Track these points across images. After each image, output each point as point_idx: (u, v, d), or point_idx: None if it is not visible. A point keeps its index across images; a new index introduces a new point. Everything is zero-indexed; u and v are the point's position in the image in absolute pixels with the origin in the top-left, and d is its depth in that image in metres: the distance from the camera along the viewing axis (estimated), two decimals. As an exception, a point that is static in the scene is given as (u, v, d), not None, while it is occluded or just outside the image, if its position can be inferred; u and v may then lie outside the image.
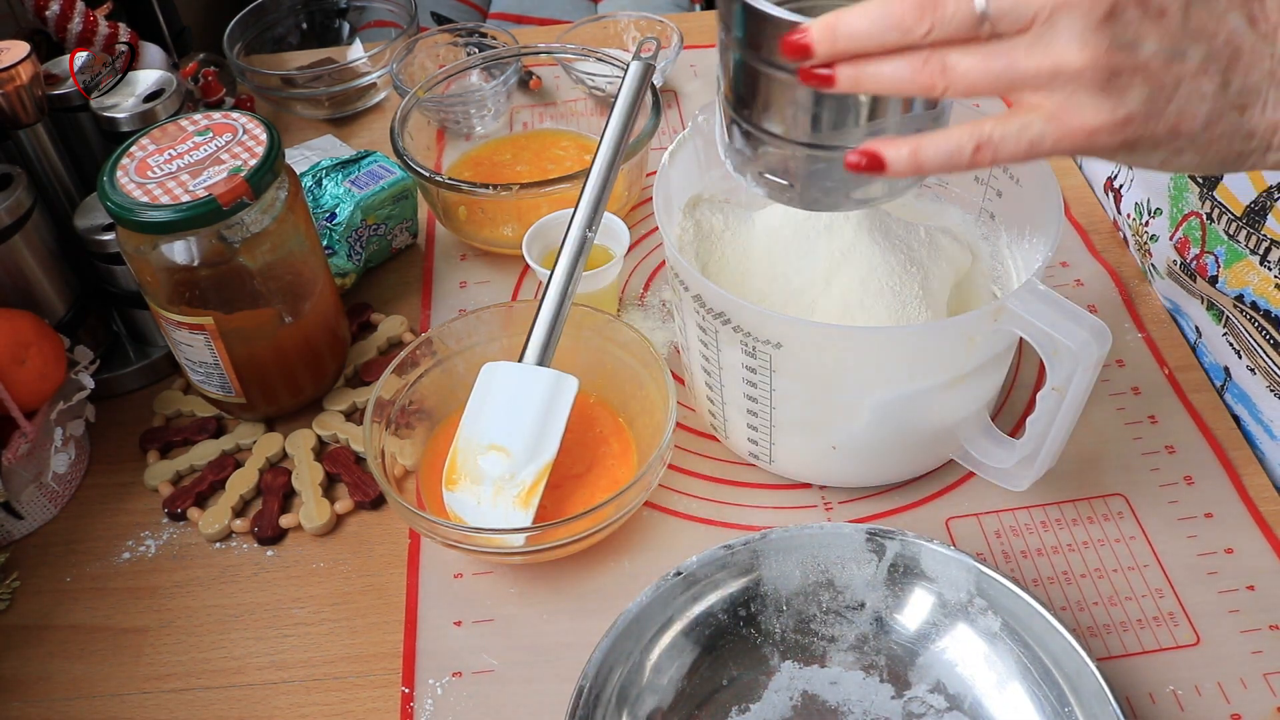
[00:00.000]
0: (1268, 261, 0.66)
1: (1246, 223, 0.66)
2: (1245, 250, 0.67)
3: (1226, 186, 0.68)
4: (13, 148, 0.74)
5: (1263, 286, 0.66)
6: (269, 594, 0.67)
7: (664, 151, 0.68)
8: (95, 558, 0.70)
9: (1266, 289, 0.66)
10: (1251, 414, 0.71)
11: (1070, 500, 0.68)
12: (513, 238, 0.85)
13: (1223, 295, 0.70)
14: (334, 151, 0.97)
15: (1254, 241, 0.66)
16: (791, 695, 0.59)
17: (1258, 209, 0.65)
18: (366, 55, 1.05)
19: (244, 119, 0.69)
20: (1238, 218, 0.67)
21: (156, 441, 0.76)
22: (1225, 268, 0.69)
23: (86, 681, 0.63)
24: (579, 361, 0.71)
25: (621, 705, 0.56)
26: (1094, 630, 0.62)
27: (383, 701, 0.61)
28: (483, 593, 0.66)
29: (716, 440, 0.73)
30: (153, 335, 0.80)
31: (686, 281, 0.62)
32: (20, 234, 0.70)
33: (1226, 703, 0.58)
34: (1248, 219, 0.66)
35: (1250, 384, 0.70)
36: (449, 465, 0.67)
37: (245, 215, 0.66)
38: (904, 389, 0.61)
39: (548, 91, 1.04)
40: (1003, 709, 0.57)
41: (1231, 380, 0.72)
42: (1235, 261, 0.68)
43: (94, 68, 0.78)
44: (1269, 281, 0.66)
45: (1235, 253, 0.68)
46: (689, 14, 1.45)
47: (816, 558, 0.61)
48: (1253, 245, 0.66)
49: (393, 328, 0.82)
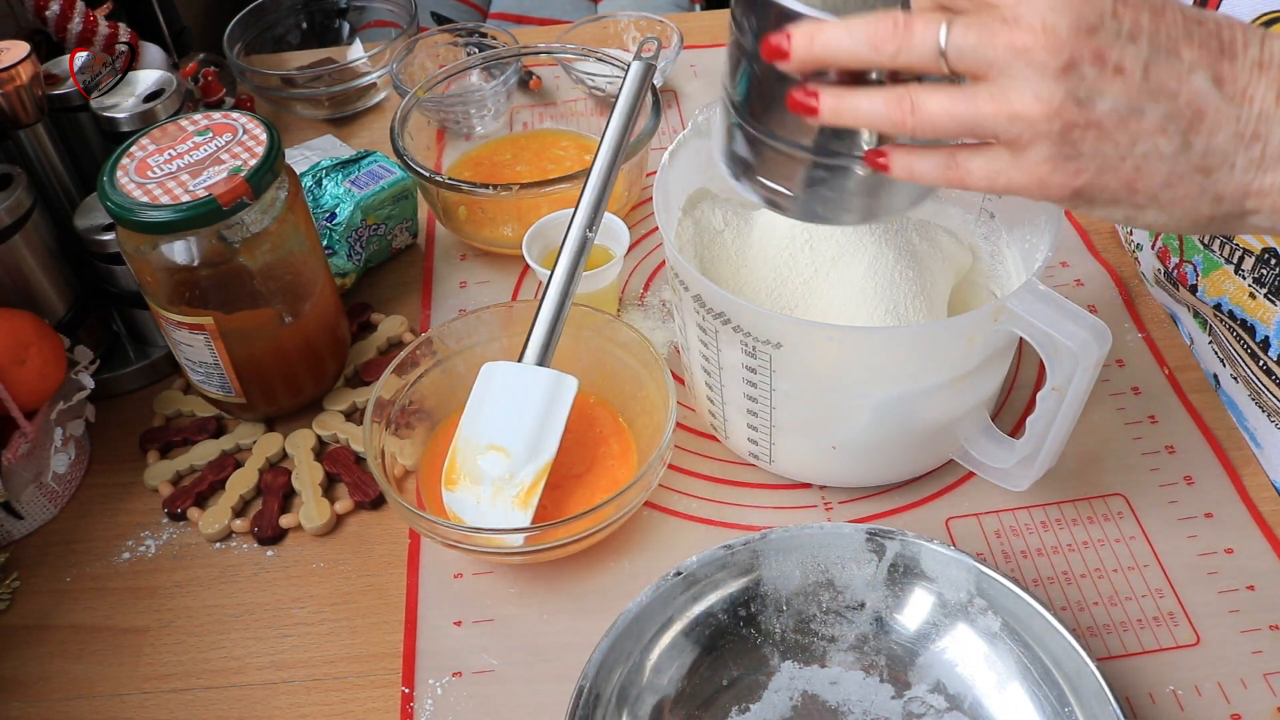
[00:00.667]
0: (1241, 270, 0.66)
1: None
2: (1220, 259, 0.67)
3: None
4: (13, 148, 0.74)
5: (1238, 295, 0.66)
6: (269, 594, 0.67)
7: (664, 151, 0.68)
8: (95, 558, 0.70)
9: (1241, 297, 0.66)
10: (1238, 422, 0.71)
11: (1070, 500, 0.68)
12: (513, 238, 0.85)
13: (1203, 304, 0.70)
14: (334, 151, 0.97)
15: (1228, 251, 0.66)
16: (791, 695, 0.59)
17: None
18: (366, 55, 1.05)
19: (244, 119, 0.69)
20: None
21: (156, 441, 0.76)
22: (1203, 276, 0.69)
23: (86, 681, 0.63)
24: (579, 361, 0.71)
25: (621, 705, 0.56)
26: (1094, 630, 0.62)
27: (383, 701, 0.61)
28: (483, 593, 0.66)
29: (716, 440, 0.73)
30: (153, 335, 0.80)
31: (686, 281, 0.62)
32: (20, 234, 0.70)
33: (1226, 703, 0.58)
34: None
35: (1234, 392, 0.70)
36: (448, 465, 0.67)
37: (245, 215, 0.66)
38: (904, 389, 0.61)
39: (548, 91, 1.04)
40: (1003, 709, 0.57)
41: (1220, 388, 0.72)
42: (1212, 270, 0.68)
43: (94, 68, 0.78)
44: (1243, 290, 0.66)
45: (1211, 261, 0.68)
46: (689, 14, 1.45)
47: (816, 558, 0.61)
48: (1226, 254, 0.66)
49: (393, 328, 0.82)
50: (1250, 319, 0.66)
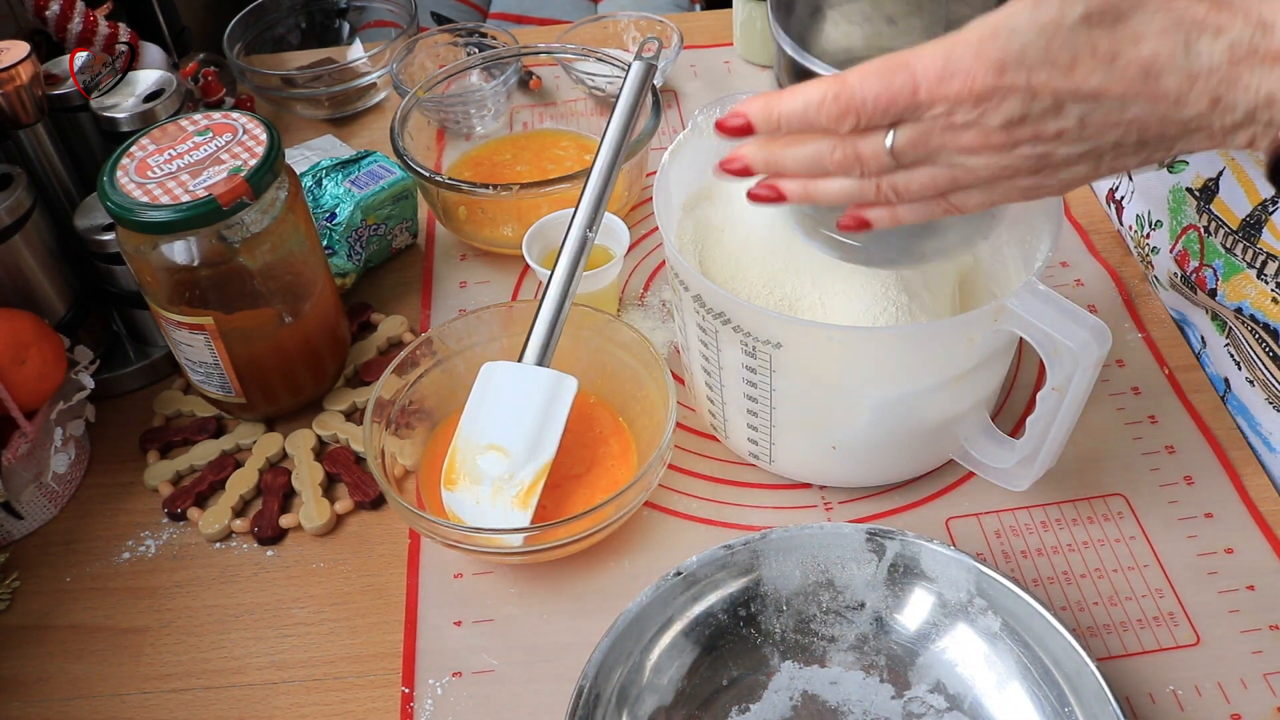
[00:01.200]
0: (1264, 275, 0.66)
1: (1243, 236, 0.66)
2: (1242, 263, 0.67)
3: (1223, 200, 0.68)
4: (13, 148, 0.74)
5: (1260, 300, 0.66)
6: (269, 594, 0.67)
7: (664, 151, 0.68)
8: (95, 558, 0.70)
9: (1264, 302, 0.66)
10: (1250, 426, 0.71)
11: (1070, 500, 0.68)
12: (513, 238, 0.85)
13: (1223, 307, 0.70)
14: (334, 151, 0.97)
15: (1250, 255, 0.66)
16: (791, 695, 0.59)
17: (1253, 222, 0.65)
18: (366, 55, 1.05)
19: (244, 119, 0.69)
20: (1234, 231, 0.67)
21: (156, 441, 0.76)
22: (1224, 280, 0.69)
23: (86, 681, 0.63)
24: (579, 361, 0.71)
25: (621, 705, 0.56)
26: (1094, 630, 0.62)
27: (383, 701, 0.61)
28: (483, 593, 0.66)
29: (716, 440, 0.73)
30: (153, 335, 0.80)
31: (686, 281, 0.62)
32: (20, 234, 0.70)
33: (1226, 703, 0.58)
34: (1244, 232, 0.66)
35: (1249, 396, 0.70)
36: (448, 465, 0.67)
37: (245, 215, 0.66)
38: (904, 389, 0.61)
39: (548, 91, 1.04)
40: (1003, 709, 0.57)
41: (1231, 392, 0.72)
42: (1233, 274, 0.68)
43: (94, 68, 0.78)
44: (1266, 295, 0.66)
45: (1233, 266, 0.68)
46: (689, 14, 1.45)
47: (816, 558, 0.61)
48: (1249, 259, 0.66)
49: (393, 328, 0.82)
50: (1273, 323, 0.66)
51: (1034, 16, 0.41)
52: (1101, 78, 0.42)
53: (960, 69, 0.42)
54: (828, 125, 0.45)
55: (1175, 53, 0.41)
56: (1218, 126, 0.42)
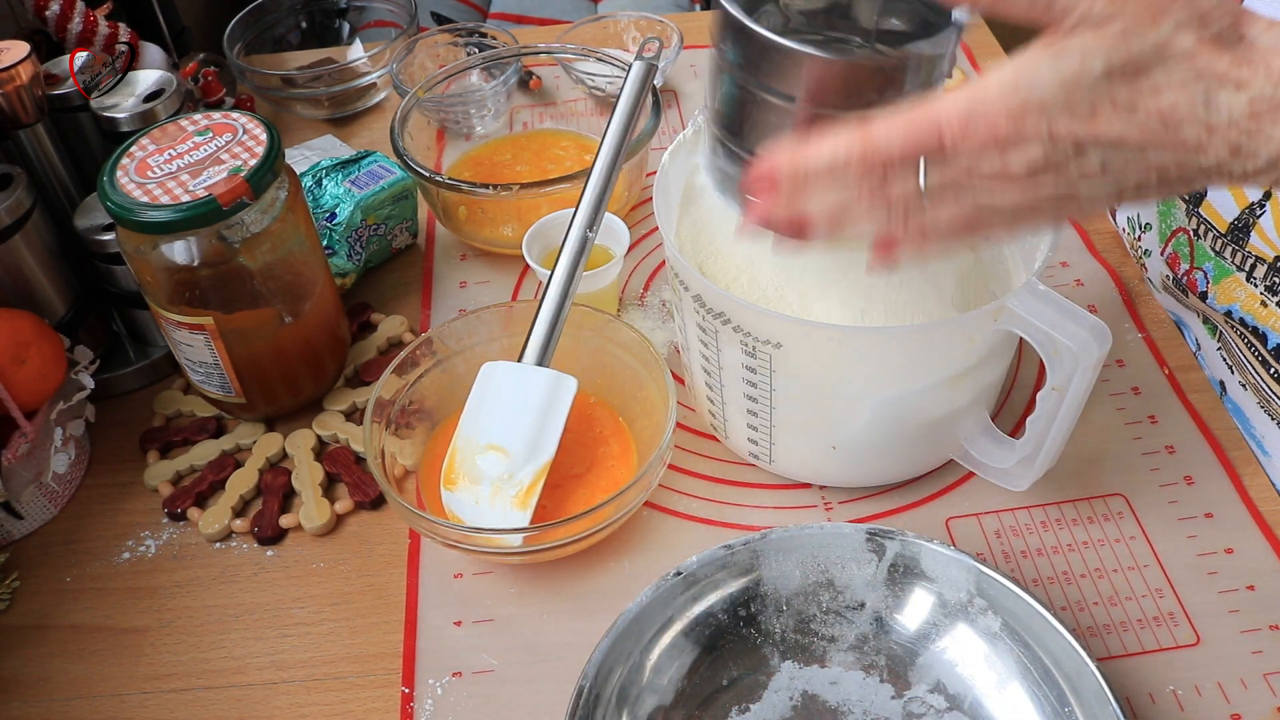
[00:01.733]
0: (1253, 278, 0.66)
1: (1231, 239, 0.66)
2: (1231, 266, 0.67)
3: (1211, 203, 0.68)
4: (13, 148, 0.74)
5: (1249, 303, 0.66)
6: (269, 594, 0.67)
7: (664, 151, 0.68)
8: (95, 558, 0.70)
9: (1253, 305, 0.66)
10: (1244, 429, 0.71)
11: (1070, 500, 0.68)
12: (513, 238, 0.85)
13: (1214, 311, 0.70)
14: (334, 151, 0.97)
15: (1239, 258, 0.66)
16: (791, 695, 0.59)
17: (1241, 226, 0.66)
18: (366, 55, 1.05)
19: (244, 119, 0.69)
20: (1223, 234, 0.67)
21: (156, 441, 0.76)
22: (1214, 283, 0.69)
23: (86, 681, 0.63)
24: (579, 361, 0.71)
25: (621, 705, 0.56)
26: (1094, 630, 0.62)
27: (383, 701, 0.61)
28: (483, 593, 0.66)
29: (716, 440, 0.73)
30: (153, 335, 0.80)
31: (686, 281, 0.62)
32: (20, 234, 0.70)
33: (1226, 703, 0.58)
34: (1232, 236, 0.66)
35: (1242, 399, 0.70)
36: (447, 465, 0.67)
37: (245, 215, 0.66)
38: (904, 389, 0.61)
39: (548, 91, 1.04)
40: (1003, 709, 0.57)
41: (1226, 395, 0.72)
42: (1223, 277, 0.68)
43: (94, 68, 0.78)
44: (1255, 298, 0.66)
45: (1223, 269, 0.68)
46: (689, 14, 1.45)
47: (816, 558, 0.61)
48: (1238, 261, 0.67)
49: (393, 328, 0.82)
50: (1262, 326, 0.66)
51: (1054, 69, 0.41)
52: (1121, 126, 0.42)
53: (984, 119, 0.42)
54: (855, 182, 0.45)
55: (1195, 105, 0.41)
56: (1238, 172, 0.42)
